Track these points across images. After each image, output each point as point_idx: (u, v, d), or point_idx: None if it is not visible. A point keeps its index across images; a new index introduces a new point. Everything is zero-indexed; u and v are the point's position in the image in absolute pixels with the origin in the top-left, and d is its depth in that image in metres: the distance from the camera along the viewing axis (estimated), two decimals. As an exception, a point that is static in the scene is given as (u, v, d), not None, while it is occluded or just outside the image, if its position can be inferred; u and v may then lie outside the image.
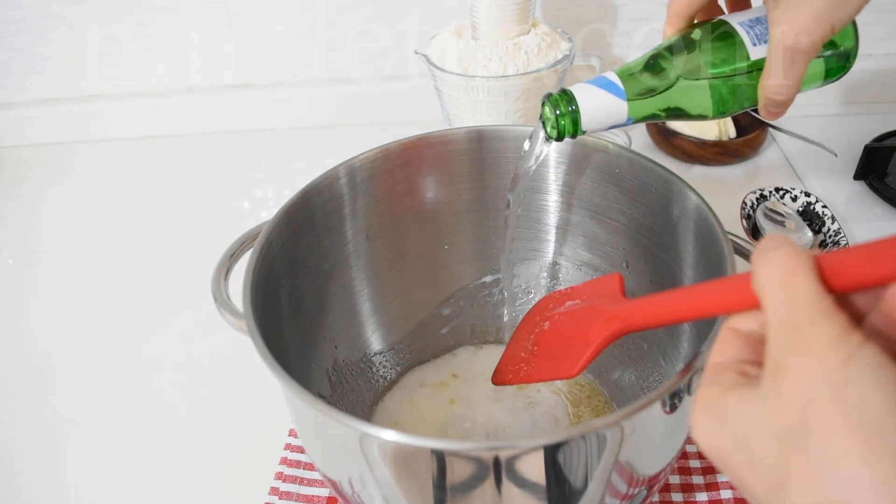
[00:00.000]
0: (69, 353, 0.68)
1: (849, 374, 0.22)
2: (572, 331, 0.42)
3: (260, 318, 0.41)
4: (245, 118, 1.00)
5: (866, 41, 0.94)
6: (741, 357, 0.28)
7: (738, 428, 0.25)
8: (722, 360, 0.28)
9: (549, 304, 0.48)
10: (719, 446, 0.26)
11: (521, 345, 0.48)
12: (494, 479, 0.35)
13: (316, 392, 0.52)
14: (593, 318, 0.41)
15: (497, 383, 0.49)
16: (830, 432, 0.22)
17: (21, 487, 0.56)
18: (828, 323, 0.23)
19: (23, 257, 0.83)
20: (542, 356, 0.45)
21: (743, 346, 0.28)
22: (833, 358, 0.23)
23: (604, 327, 0.39)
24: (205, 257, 0.54)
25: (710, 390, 0.27)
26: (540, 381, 0.45)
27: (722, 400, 0.26)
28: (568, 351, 0.41)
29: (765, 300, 0.25)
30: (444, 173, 0.57)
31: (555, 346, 0.44)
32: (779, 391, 0.24)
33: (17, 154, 1.02)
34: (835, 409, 0.22)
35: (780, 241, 0.26)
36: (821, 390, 0.22)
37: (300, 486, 0.53)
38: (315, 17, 0.93)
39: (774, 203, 0.73)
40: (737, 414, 0.25)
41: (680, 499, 0.51)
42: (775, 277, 0.25)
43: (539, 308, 0.49)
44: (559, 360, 0.42)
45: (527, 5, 0.74)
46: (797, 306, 0.24)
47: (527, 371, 0.46)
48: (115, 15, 0.93)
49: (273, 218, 0.47)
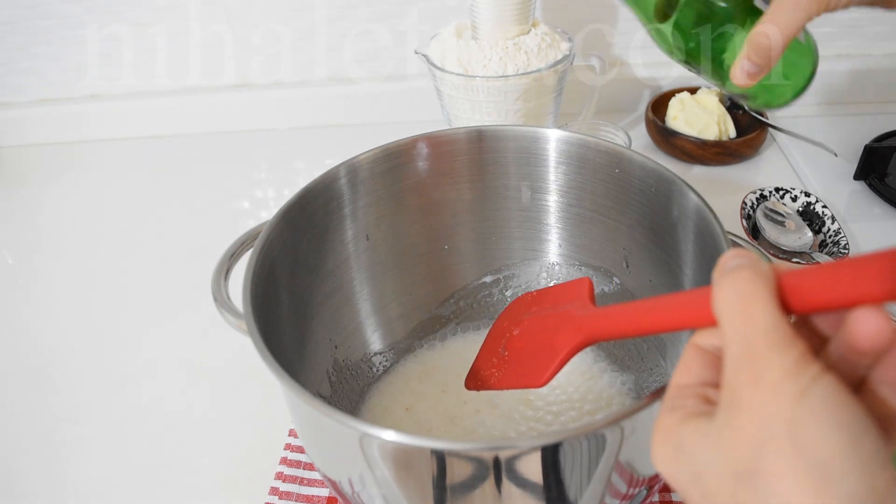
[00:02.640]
0: (69, 352, 0.68)
1: (802, 412, 0.21)
2: (541, 338, 0.42)
3: (260, 318, 0.41)
4: (245, 118, 1.00)
5: (867, 41, 0.94)
6: (704, 379, 0.27)
7: (693, 461, 0.24)
8: (685, 382, 0.27)
9: (519, 307, 0.47)
10: (676, 476, 0.25)
11: (493, 349, 0.47)
12: (494, 479, 0.35)
13: (316, 392, 0.52)
14: (561, 326, 0.40)
15: (469, 388, 0.48)
16: (782, 474, 0.21)
17: (21, 487, 0.56)
18: (784, 353, 0.22)
19: (23, 257, 0.83)
20: (512, 362, 0.44)
21: (706, 365, 0.27)
22: (787, 392, 0.22)
23: (571, 336, 0.38)
24: (205, 257, 0.54)
25: (669, 417, 0.26)
26: (509, 388, 0.44)
27: (679, 429, 0.25)
28: (537, 358, 0.41)
29: (723, 325, 0.24)
30: (444, 173, 0.57)
31: (524, 353, 0.43)
32: (733, 425, 0.23)
33: (18, 154, 1.02)
34: (787, 450, 0.21)
35: (740, 261, 0.25)
36: (773, 428, 0.22)
37: (300, 486, 0.53)
38: (315, 17, 0.93)
39: (774, 203, 0.73)
40: (693, 446, 0.25)
41: (680, 499, 0.51)
42: (733, 302, 0.24)
43: (510, 312, 0.48)
44: (528, 367, 0.42)
45: (527, 5, 0.74)
46: (754, 335, 0.23)
47: (497, 377, 0.45)
48: (115, 15, 0.93)
49: (273, 218, 0.47)
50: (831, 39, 0.92)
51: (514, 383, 0.43)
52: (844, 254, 0.66)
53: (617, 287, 0.58)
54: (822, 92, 0.93)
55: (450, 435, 0.54)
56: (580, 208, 0.56)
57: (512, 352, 0.45)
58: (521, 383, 0.42)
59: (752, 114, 0.87)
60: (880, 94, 0.92)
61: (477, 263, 0.61)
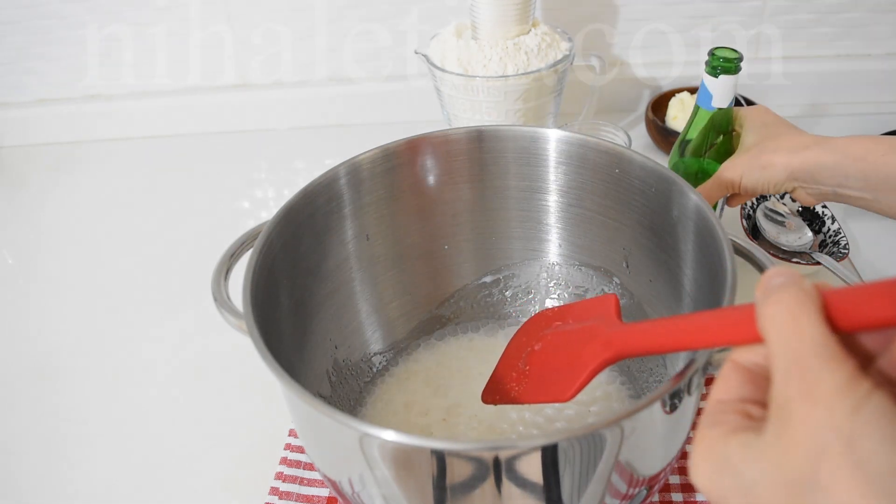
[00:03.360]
0: (69, 352, 0.68)
1: (858, 426, 0.22)
2: (566, 353, 0.42)
3: (260, 318, 0.41)
4: (245, 118, 1.00)
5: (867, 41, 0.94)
6: (744, 395, 0.27)
7: (741, 473, 0.24)
8: (724, 398, 0.28)
9: (540, 322, 0.47)
10: (720, 490, 0.25)
11: (511, 363, 0.47)
12: (494, 479, 0.35)
13: (316, 392, 0.52)
14: (588, 341, 0.40)
15: (487, 402, 0.48)
16: (840, 487, 0.22)
17: (21, 487, 0.56)
18: (836, 369, 0.23)
19: (23, 257, 0.83)
20: (533, 377, 0.44)
21: (746, 382, 0.28)
22: (842, 407, 0.22)
23: (599, 352, 0.38)
24: (205, 257, 0.54)
25: (711, 431, 0.26)
26: (532, 402, 0.44)
27: (724, 443, 0.25)
28: (561, 373, 0.40)
29: (770, 342, 0.25)
30: (444, 173, 0.57)
31: (547, 368, 0.43)
32: (786, 439, 0.23)
33: (18, 154, 1.02)
34: (844, 463, 0.22)
35: (784, 280, 0.25)
36: (830, 441, 0.22)
37: (300, 486, 0.53)
38: (315, 17, 0.93)
39: (774, 203, 0.73)
40: (741, 460, 0.25)
41: (680, 499, 0.51)
42: (781, 320, 0.24)
43: (530, 326, 0.48)
44: (552, 381, 0.41)
45: (527, 5, 0.74)
46: (804, 351, 0.23)
47: (518, 391, 0.45)
48: (115, 15, 0.93)
49: (273, 218, 0.47)
50: (831, 39, 0.92)
51: (537, 397, 0.43)
52: (844, 254, 0.66)
53: (617, 287, 0.58)
54: (823, 92, 0.93)
55: (450, 435, 0.54)
56: (580, 208, 0.56)
57: (533, 366, 0.44)
58: (545, 397, 0.42)
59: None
60: (880, 94, 0.92)
61: (477, 263, 0.61)
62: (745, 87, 0.91)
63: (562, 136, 0.54)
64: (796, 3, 0.89)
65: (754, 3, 0.89)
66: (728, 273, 0.40)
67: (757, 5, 0.89)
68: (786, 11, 0.90)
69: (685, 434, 0.42)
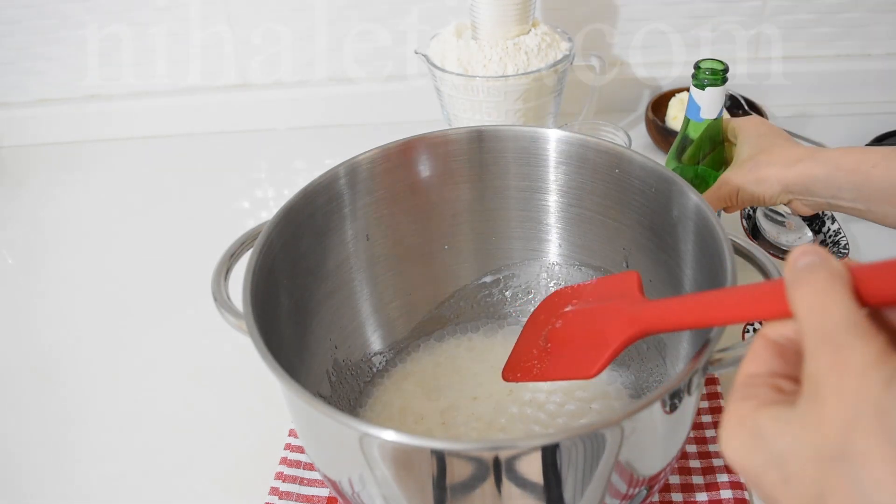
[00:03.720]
0: (70, 352, 0.68)
1: (891, 398, 0.22)
2: (589, 330, 0.42)
3: (260, 318, 0.41)
4: (245, 118, 1.00)
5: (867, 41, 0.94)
6: (774, 370, 0.28)
7: (773, 446, 0.25)
8: (755, 372, 0.28)
9: (559, 300, 0.47)
10: (751, 463, 0.26)
11: (532, 341, 0.47)
12: (494, 479, 0.35)
13: (316, 392, 0.52)
14: (613, 318, 0.40)
15: (508, 380, 0.48)
16: (872, 458, 0.22)
17: (21, 487, 0.56)
18: (867, 343, 0.23)
19: (23, 257, 0.83)
20: (556, 354, 0.44)
21: (776, 356, 0.28)
22: (874, 380, 0.22)
23: (625, 327, 0.38)
24: (205, 257, 0.54)
25: (743, 405, 0.27)
26: (555, 379, 0.44)
27: (755, 416, 0.26)
28: (585, 350, 0.41)
29: (801, 321, 0.25)
30: (444, 173, 0.57)
31: (570, 345, 0.43)
32: (818, 411, 0.24)
33: (18, 154, 1.02)
34: (877, 434, 0.22)
35: (812, 259, 0.26)
36: (863, 413, 0.22)
37: (300, 486, 0.53)
38: (315, 17, 0.93)
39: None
40: (773, 432, 0.25)
41: (680, 499, 0.51)
42: (811, 298, 0.25)
43: (549, 304, 0.48)
44: (576, 358, 0.41)
45: (527, 5, 0.74)
46: (835, 327, 0.24)
47: (540, 369, 0.45)
48: (115, 15, 0.93)
49: (273, 218, 0.47)
50: (831, 39, 0.92)
51: (560, 374, 0.43)
52: (844, 254, 0.66)
53: (617, 287, 0.58)
54: (823, 92, 0.93)
55: (450, 434, 0.54)
56: (580, 208, 0.56)
57: (555, 344, 0.44)
58: (568, 374, 0.42)
59: (751, 114, 0.87)
60: (880, 94, 0.92)
61: (477, 263, 0.61)
62: (745, 87, 0.91)
63: (562, 136, 0.54)
64: (796, 3, 0.89)
65: (754, 3, 0.89)
66: (728, 273, 0.40)
67: (757, 5, 0.89)
68: (786, 11, 0.89)
69: (685, 434, 0.42)
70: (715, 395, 0.57)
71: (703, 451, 0.53)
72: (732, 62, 0.62)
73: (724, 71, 0.58)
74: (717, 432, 0.27)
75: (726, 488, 0.50)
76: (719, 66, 0.58)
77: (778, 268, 0.43)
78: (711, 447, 0.53)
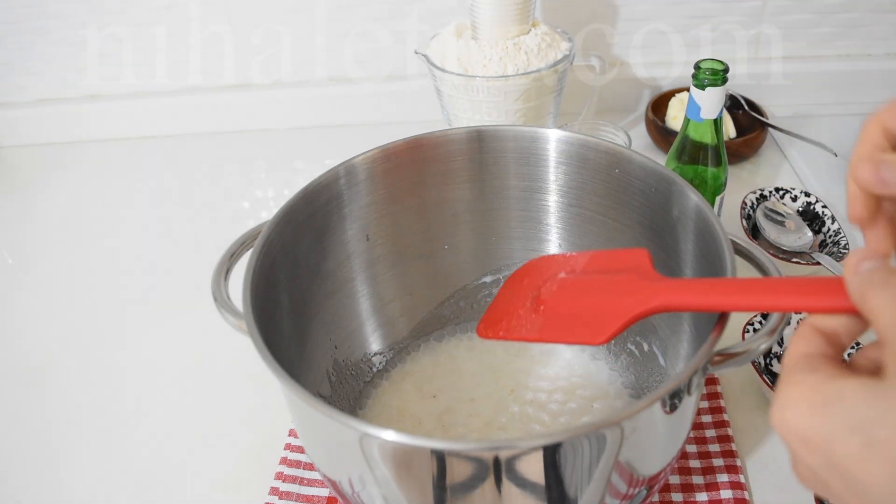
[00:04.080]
0: (68, 352, 0.68)
1: None
2: (596, 299, 0.41)
3: (260, 318, 0.41)
4: (245, 118, 1.00)
5: (867, 41, 0.94)
6: (826, 352, 0.30)
7: (858, 412, 0.26)
8: (810, 352, 0.30)
9: (545, 267, 0.46)
10: (822, 427, 0.26)
11: (514, 301, 0.46)
12: (494, 479, 0.35)
13: (316, 392, 0.52)
14: (628, 289, 0.40)
15: (487, 337, 0.46)
16: None
17: (21, 487, 0.56)
18: None
19: (22, 257, 0.83)
20: (550, 317, 0.43)
21: (825, 343, 0.30)
22: None
23: (643, 301, 0.38)
24: (205, 257, 0.54)
25: (812, 376, 0.28)
26: (551, 342, 0.43)
27: (833, 384, 0.27)
28: (589, 318, 0.40)
29: (882, 325, 0.27)
30: (444, 173, 0.57)
31: (569, 310, 0.42)
32: None
33: (17, 154, 1.02)
34: None
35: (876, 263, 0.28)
36: None
37: (300, 486, 0.53)
38: (315, 17, 0.93)
39: (774, 203, 0.73)
40: (860, 399, 0.26)
41: (680, 499, 0.51)
42: (890, 306, 0.27)
43: (534, 269, 0.47)
44: (577, 325, 0.41)
45: (527, 5, 0.74)
46: None
47: (529, 329, 0.44)
48: (115, 15, 0.93)
49: (273, 218, 0.47)
50: (831, 39, 0.92)
51: (558, 337, 0.42)
52: (844, 254, 0.66)
53: (617, 287, 0.57)
54: (823, 92, 0.93)
55: (449, 434, 0.54)
56: (580, 208, 0.56)
57: (550, 307, 0.44)
58: (569, 338, 0.42)
59: (751, 114, 0.87)
60: (880, 94, 0.92)
61: (477, 263, 0.61)
62: (745, 87, 0.91)
63: (562, 136, 0.54)
64: (796, 3, 0.89)
65: (754, 3, 0.89)
66: (728, 273, 0.41)
67: (757, 5, 0.89)
68: (786, 11, 0.90)
69: (685, 434, 0.42)
70: (715, 395, 0.57)
71: (703, 451, 0.53)
72: (732, 62, 0.62)
73: (724, 71, 0.58)
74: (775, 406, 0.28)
75: (726, 488, 0.50)
76: (719, 66, 0.58)
77: (778, 268, 0.43)
78: (711, 447, 0.53)
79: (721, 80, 0.58)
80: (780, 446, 0.54)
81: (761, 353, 0.39)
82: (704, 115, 0.60)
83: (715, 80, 0.58)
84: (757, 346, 0.39)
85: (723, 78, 0.58)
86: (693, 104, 0.60)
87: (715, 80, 0.58)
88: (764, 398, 0.57)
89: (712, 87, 0.59)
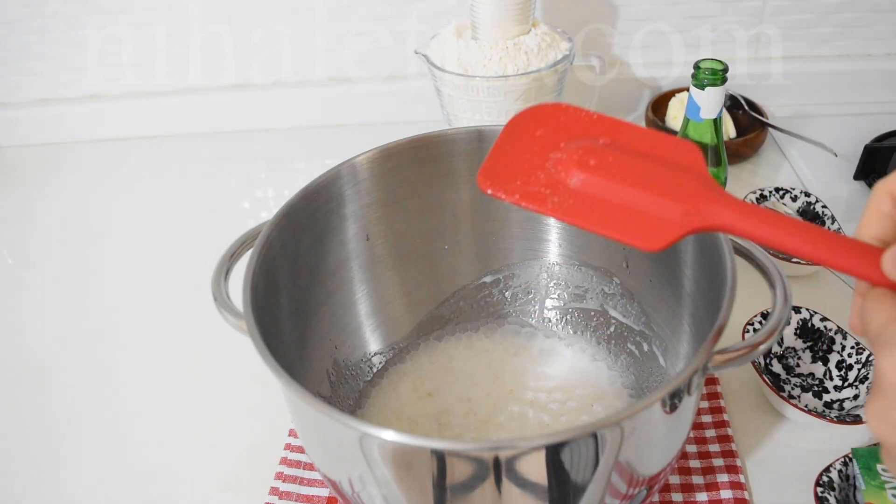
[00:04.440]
0: (68, 352, 0.68)
1: None
2: (649, 193, 0.35)
3: (260, 318, 0.41)
4: (245, 118, 1.00)
5: (867, 41, 0.94)
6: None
7: None
8: None
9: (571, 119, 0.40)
10: None
11: (529, 157, 0.39)
12: (494, 479, 0.35)
13: (316, 392, 0.52)
14: (686, 194, 0.35)
15: (492, 189, 0.39)
16: None
17: (20, 487, 0.56)
18: None
19: (22, 257, 0.83)
20: (585, 196, 0.36)
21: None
22: None
23: (706, 213, 0.34)
24: (205, 257, 0.54)
25: None
26: (586, 228, 0.36)
27: None
28: (640, 215, 0.35)
29: None
30: (444, 173, 0.57)
31: (612, 195, 0.36)
32: None
33: (17, 154, 1.02)
34: None
35: None
36: None
37: (300, 486, 0.53)
38: (315, 17, 0.93)
39: (774, 203, 0.73)
40: None
41: (680, 499, 0.51)
42: None
43: (553, 116, 0.41)
44: (626, 218, 0.35)
45: (527, 5, 0.74)
46: None
47: (558, 204, 0.36)
48: (115, 15, 0.93)
49: (273, 218, 0.47)
50: (831, 39, 0.92)
51: (598, 226, 0.36)
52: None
53: (617, 287, 0.58)
54: (823, 92, 0.93)
55: (450, 434, 0.54)
56: (580, 208, 0.56)
57: (588, 185, 0.36)
58: (614, 232, 0.35)
59: (751, 114, 0.87)
60: (880, 94, 0.92)
61: (477, 263, 0.61)
62: (745, 87, 0.91)
63: (562, 136, 0.54)
64: (796, 3, 0.89)
65: (754, 3, 0.89)
66: (728, 273, 0.40)
67: (757, 5, 0.89)
68: (786, 11, 0.90)
69: (685, 434, 0.42)
70: (715, 395, 0.57)
71: (703, 451, 0.53)
72: (732, 62, 0.62)
73: (724, 71, 0.58)
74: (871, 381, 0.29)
75: (726, 488, 0.50)
76: (719, 66, 0.58)
77: (778, 268, 0.43)
78: (711, 447, 0.53)
79: (720, 80, 0.58)
80: (780, 446, 0.54)
81: (761, 353, 0.39)
82: (704, 115, 0.60)
83: (714, 80, 0.58)
84: (757, 346, 0.39)
85: (722, 78, 0.58)
86: (693, 104, 0.60)
87: (714, 80, 0.58)
88: (764, 398, 0.57)
89: (712, 87, 0.59)
